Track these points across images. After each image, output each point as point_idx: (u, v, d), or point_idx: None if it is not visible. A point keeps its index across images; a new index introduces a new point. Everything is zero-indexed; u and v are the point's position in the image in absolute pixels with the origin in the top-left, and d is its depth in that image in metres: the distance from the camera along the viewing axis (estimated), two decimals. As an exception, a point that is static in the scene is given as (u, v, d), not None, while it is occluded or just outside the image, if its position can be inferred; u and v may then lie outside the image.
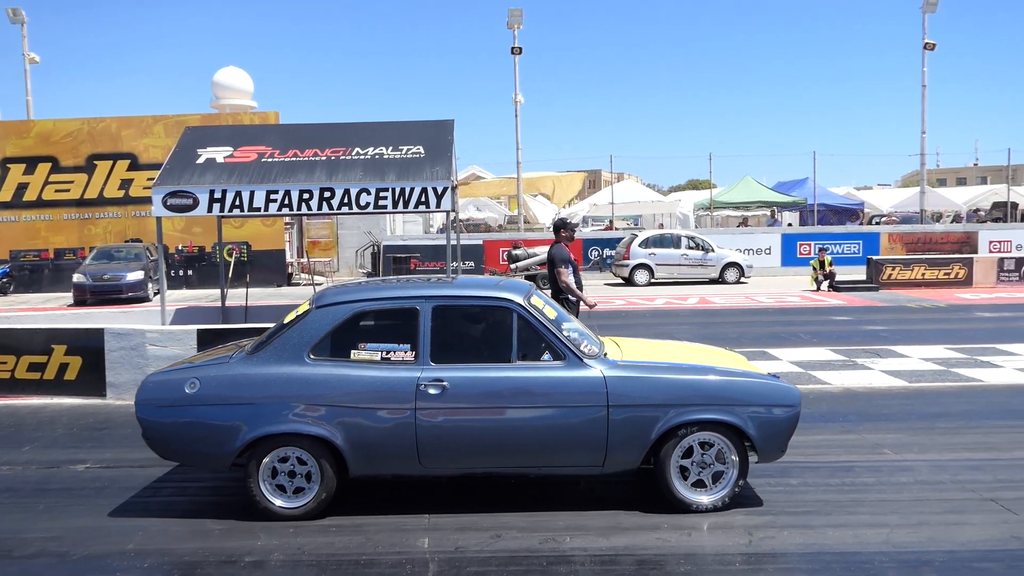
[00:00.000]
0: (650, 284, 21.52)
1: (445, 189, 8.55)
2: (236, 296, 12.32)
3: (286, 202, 8.34)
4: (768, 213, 34.16)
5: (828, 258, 20.46)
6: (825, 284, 19.96)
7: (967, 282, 20.28)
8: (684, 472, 4.85)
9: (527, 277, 21.01)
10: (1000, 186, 36.43)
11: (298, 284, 22.87)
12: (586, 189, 62.73)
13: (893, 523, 4.64)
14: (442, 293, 5.04)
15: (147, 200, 13.40)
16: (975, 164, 70.18)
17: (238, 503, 4.90)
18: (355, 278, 24.53)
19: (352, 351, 4.82)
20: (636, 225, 35.23)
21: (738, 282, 21.91)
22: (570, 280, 8.03)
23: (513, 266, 21.36)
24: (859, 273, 21.59)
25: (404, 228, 28.27)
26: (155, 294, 18.48)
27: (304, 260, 22.89)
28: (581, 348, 4.90)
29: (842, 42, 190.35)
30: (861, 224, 31.62)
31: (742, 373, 5.17)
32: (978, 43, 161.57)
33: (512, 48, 25.05)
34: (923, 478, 5.39)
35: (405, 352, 4.79)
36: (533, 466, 4.99)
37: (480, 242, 24.13)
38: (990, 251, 24.68)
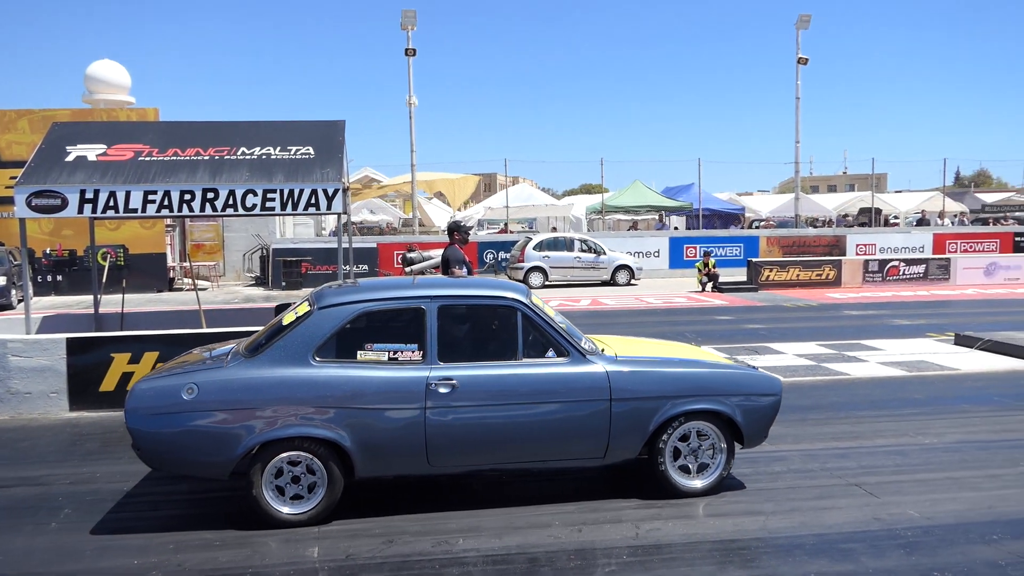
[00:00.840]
0: (544, 286, 21.81)
1: (336, 191, 8.37)
2: (112, 303, 11.65)
3: (166, 203, 7.94)
4: (657, 217, 35.38)
5: (712, 261, 21.38)
6: (709, 285, 20.84)
7: (837, 282, 21.66)
8: (677, 459, 5.11)
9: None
10: (866, 193, 39.10)
11: (180, 289, 21.84)
12: (481, 192, 62.99)
13: (768, 511, 4.90)
14: (447, 293, 5.03)
15: (9, 200, 12.45)
16: (844, 172, 75.16)
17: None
18: (243, 283, 23.67)
19: (359, 352, 4.78)
20: (531, 228, 35.66)
21: (629, 284, 22.54)
22: (463, 282, 8.03)
23: (408, 269, 21.17)
24: (740, 274, 22.66)
25: (295, 231, 27.51)
26: (19, 301, 17.21)
27: (187, 264, 21.86)
28: (582, 345, 5.06)
29: (726, 55, 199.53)
30: (742, 228, 33.21)
31: (727, 365, 5.51)
32: (848, 59, 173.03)
33: (406, 50, 24.85)
34: (796, 467, 5.72)
35: (413, 352, 4.80)
36: (538, 460, 5.05)
37: (374, 245, 23.83)
38: (857, 254, 26.42)
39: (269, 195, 8.20)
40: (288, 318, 4.97)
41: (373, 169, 31.26)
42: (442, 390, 4.72)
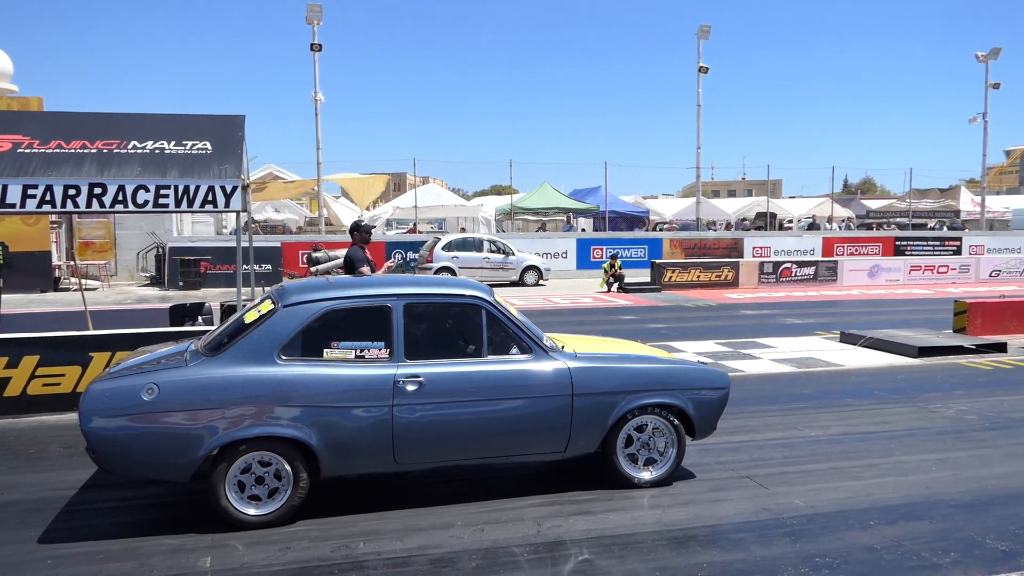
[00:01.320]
0: (453, 287, 21.77)
1: (235, 188, 8.08)
2: (-12, 303, 10.87)
3: (47, 198, 7.45)
4: (565, 219, 35.90)
5: (618, 262, 21.89)
6: (615, 286, 21.32)
7: (735, 283, 22.55)
8: (630, 451, 5.30)
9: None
10: (763, 198, 40.84)
11: (67, 289, 20.62)
12: (391, 192, 62.22)
13: (666, 504, 5.05)
14: (413, 291, 5.05)
15: None
16: (743, 178, 78.32)
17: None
18: (137, 283, 22.57)
19: (325, 350, 4.74)
20: (440, 229, 35.52)
21: (537, 284, 22.77)
22: (368, 283, 7.92)
23: (313, 269, 20.65)
24: (645, 275, 23.26)
25: (194, 229, 26.43)
26: None
27: (73, 263, 20.65)
28: (544, 342, 5.17)
29: (634, 62, 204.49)
30: (647, 230, 34.13)
31: (679, 361, 5.80)
32: (748, 69, 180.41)
33: (311, 44, 24.28)
34: (691, 461, 5.89)
35: (380, 350, 4.81)
36: (502, 455, 5.12)
37: (278, 244, 23.19)
38: (753, 256, 27.61)
39: (162, 191, 7.84)
40: (250, 316, 4.89)
41: (277, 166, 30.36)
42: (409, 388, 4.75)
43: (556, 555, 4.30)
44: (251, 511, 4.58)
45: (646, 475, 5.33)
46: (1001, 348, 11.00)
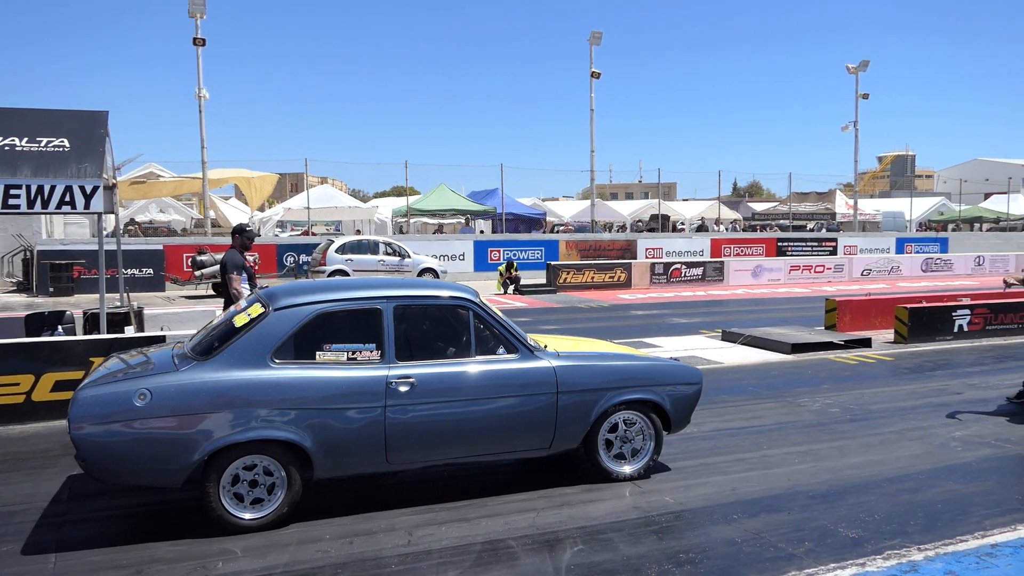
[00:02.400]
0: (347, 290, 21.34)
1: (96, 188, 7.62)
2: None
3: None
4: (463, 221, 35.83)
5: (514, 264, 22.05)
6: (511, 288, 21.44)
7: (627, 284, 23.09)
8: (609, 447, 5.49)
9: (214, 285, 19.65)
10: (656, 201, 42.05)
11: (-80, 297, 18.94)
12: (288, 192, 60.55)
13: (540, 507, 5.05)
14: (402, 293, 5.12)
15: None
16: (640, 181, 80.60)
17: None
18: (2, 288, 20.98)
19: (317, 352, 4.78)
20: (338, 231, 34.80)
21: (433, 287, 22.60)
22: (241, 288, 7.61)
23: (199, 273, 19.85)
24: (541, 277, 23.48)
25: (66, 230, 24.85)
26: None
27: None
28: (528, 342, 5.31)
29: (532, 66, 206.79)
30: (544, 232, 34.51)
31: (654, 358, 6.03)
32: (647, 75, 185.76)
33: (194, 39, 23.25)
34: (567, 464, 5.94)
35: (371, 351, 4.88)
36: (490, 453, 5.22)
37: (160, 247, 22.08)
38: (646, 257, 28.39)
39: (12, 191, 7.31)
40: (240, 320, 4.86)
41: (159, 165, 28.92)
42: (402, 388, 4.83)
43: (423, 565, 4.22)
44: (246, 515, 4.57)
45: (627, 468, 5.53)
46: (866, 343, 11.68)
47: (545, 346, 5.51)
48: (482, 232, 33.59)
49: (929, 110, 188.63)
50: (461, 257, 26.29)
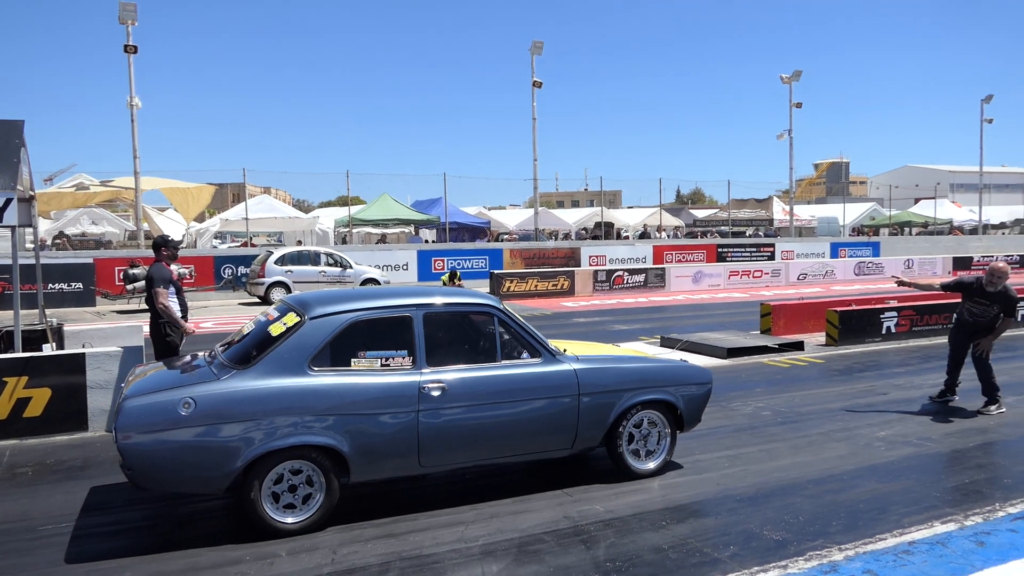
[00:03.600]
0: (287, 302, 20.95)
1: (8, 200, 7.31)
2: None
3: None
4: (407, 230, 35.61)
5: (458, 272, 21.94)
6: (455, 297, 21.33)
7: (571, 292, 23.21)
8: (630, 444, 5.72)
9: (147, 299, 19.04)
10: (601, 208, 42.43)
11: None
12: (228, 203, 59.19)
13: (469, 519, 4.99)
14: (430, 301, 5.27)
15: None
16: (586, 189, 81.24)
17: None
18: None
19: (352, 359, 4.91)
20: (279, 242, 34.17)
21: (376, 297, 22.36)
22: (168, 302, 7.36)
23: (131, 286, 19.24)
24: (485, 286, 23.43)
25: (-11, 245, 23.77)
26: None
27: None
28: (550, 347, 5.49)
29: (474, 75, 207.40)
30: (488, 241, 34.51)
31: (666, 360, 6.21)
32: (587, 84, 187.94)
33: (125, 46, 22.58)
34: (498, 473, 5.90)
35: (403, 358, 5.02)
36: (516, 454, 5.38)
37: (90, 261, 21.32)
38: (590, 264, 28.61)
39: (-84, 205, 6.95)
40: (277, 329, 4.97)
41: (89, 176, 27.95)
42: (434, 393, 4.97)
43: (348, 584, 4.11)
44: (287, 519, 4.68)
45: (651, 465, 5.80)
46: (799, 346, 11.95)
47: (564, 350, 5.67)
48: (427, 241, 33.41)
49: (862, 118, 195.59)
50: (405, 267, 26.09)
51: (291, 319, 4.99)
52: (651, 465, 5.81)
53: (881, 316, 12.76)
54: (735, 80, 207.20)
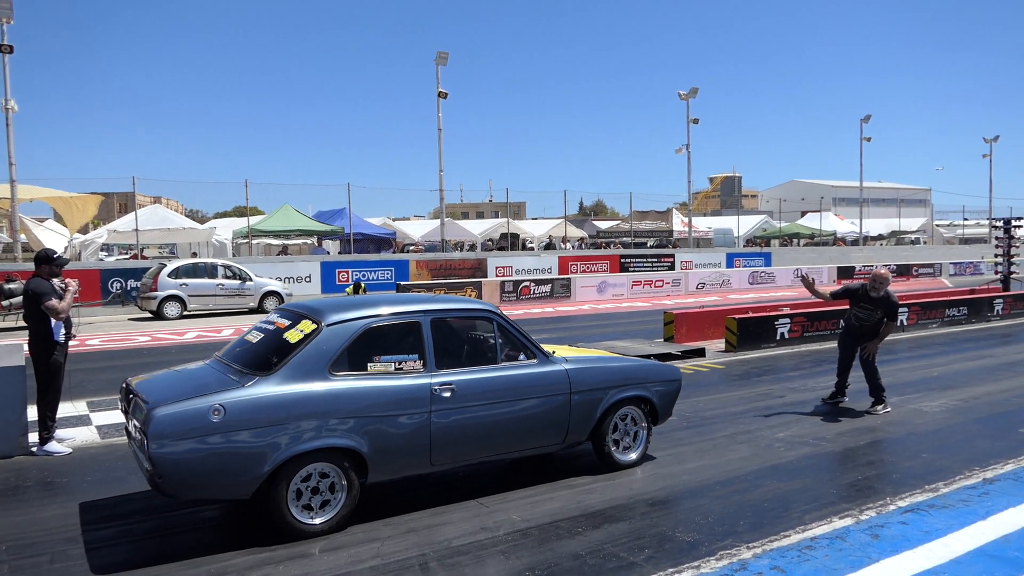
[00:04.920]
0: (183, 317, 20.04)
1: None
2: None
3: None
4: (310, 241, 34.76)
5: (362, 284, 21.57)
6: (360, 309, 20.96)
7: (478, 302, 23.19)
8: (613, 439, 6.15)
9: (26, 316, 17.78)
10: (506, 220, 42.73)
11: None
12: (116, 213, 56.23)
13: (385, 535, 4.88)
14: (437, 307, 5.52)
15: None
16: (491, 200, 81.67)
17: None
18: None
19: (368, 364, 5.08)
20: (172, 254, 32.69)
21: (278, 311, 21.70)
22: (61, 305, 6.90)
23: (7, 302, 17.94)
24: (391, 298, 23.12)
25: None
26: None
27: None
28: (544, 349, 5.86)
29: (379, 85, 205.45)
30: (394, 252, 34.14)
31: (642, 361, 6.64)
32: (494, 97, 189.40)
33: (0, 45, 21.11)
34: (410, 486, 5.80)
35: (415, 361, 5.23)
36: (516, 450, 5.70)
37: (-41, 275, 19.74)
38: (496, 275, 28.72)
39: None
40: (294, 336, 5.08)
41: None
42: (445, 394, 5.21)
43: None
44: (312, 520, 4.80)
45: (632, 456, 6.24)
46: (701, 353, 12.36)
47: (553, 352, 6.02)
48: (329, 252, 32.71)
49: (753, 135, 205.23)
50: (308, 279, 25.45)
51: (307, 326, 5.13)
52: (632, 456, 6.23)
53: (775, 323, 13.37)
54: (637, 96, 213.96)
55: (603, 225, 51.05)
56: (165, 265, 20.79)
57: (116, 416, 8.13)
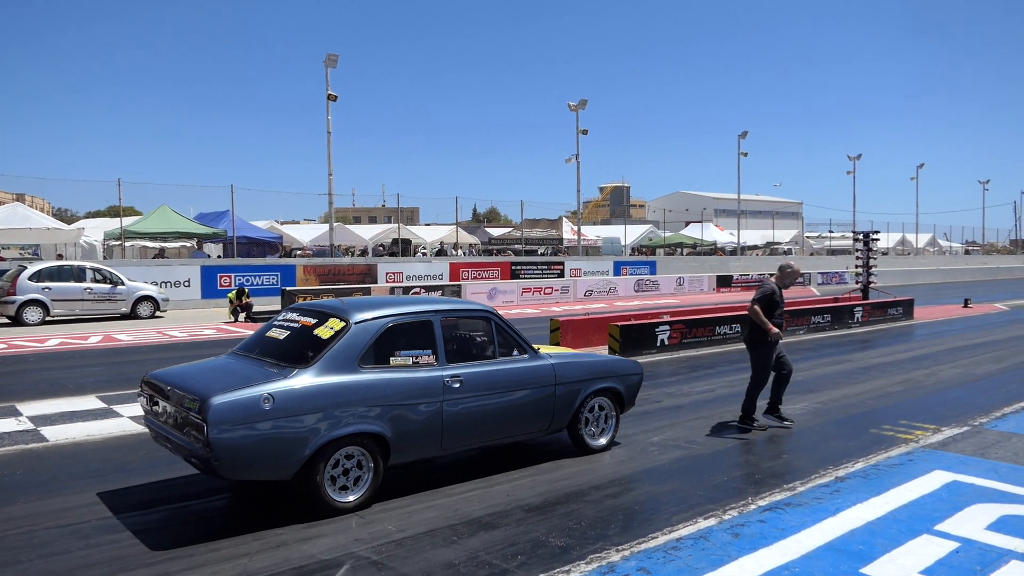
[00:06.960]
0: (45, 323, 18.72)
1: None
2: None
3: None
4: (191, 244, 33.20)
5: (246, 290, 20.87)
6: (243, 315, 20.24)
7: (367, 309, 22.85)
8: (587, 426, 6.94)
9: None
10: (399, 225, 42.30)
11: None
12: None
13: (254, 550, 4.71)
14: (443, 308, 6.18)
15: None
16: (383, 205, 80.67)
17: None
18: None
19: (390, 358, 5.64)
20: (35, 255, 30.48)
21: (153, 316, 20.65)
22: None
23: None
24: (277, 304, 22.47)
25: None
26: None
27: None
28: (532, 346, 6.55)
29: (266, 85, 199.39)
30: (280, 257, 33.12)
31: (609, 356, 7.50)
32: (387, 101, 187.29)
33: None
34: (286, 500, 5.64)
35: (429, 356, 5.82)
36: (510, 436, 6.41)
37: None
38: (387, 281, 28.36)
39: None
40: (324, 332, 5.59)
41: None
42: (455, 385, 5.82)
43: None
44: (346, 498, 5.33)
45: (602, 440, 7.03)
46: (585, 359, 12.61)
47: (539, 348, 6.69)
48: (208, 256, 31.37)
49: (641, 146, 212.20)
50: (187, 283, 24.30)
51: (336, 324, 5.62)
52: (602, 441, 7.02)
53: (656, 329, 13.85)
54: (529, 105, 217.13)
55: (495, 232, 51.43)
56: (25, 268, 19.37)
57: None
